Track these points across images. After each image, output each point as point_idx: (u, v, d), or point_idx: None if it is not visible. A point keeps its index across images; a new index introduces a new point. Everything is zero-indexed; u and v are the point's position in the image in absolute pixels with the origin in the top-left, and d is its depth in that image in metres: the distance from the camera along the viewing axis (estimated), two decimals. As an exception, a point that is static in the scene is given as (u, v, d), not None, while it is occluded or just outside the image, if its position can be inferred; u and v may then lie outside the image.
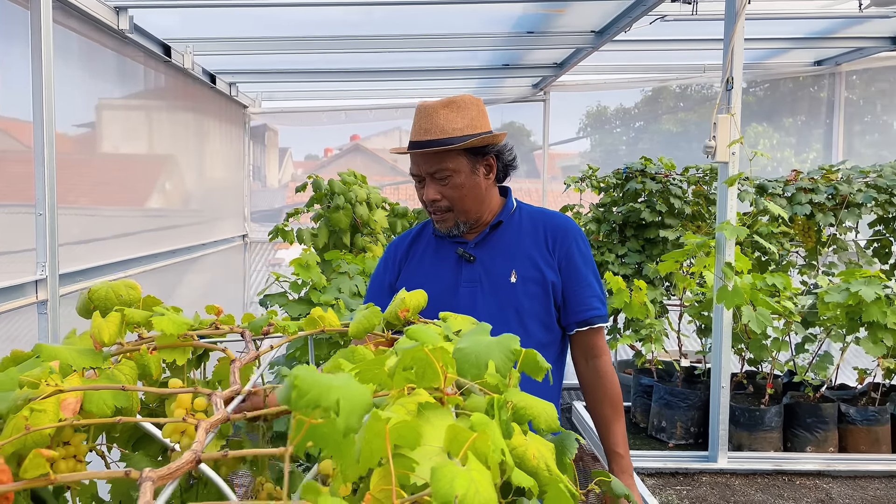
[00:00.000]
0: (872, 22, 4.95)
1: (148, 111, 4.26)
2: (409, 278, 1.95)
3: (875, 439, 4.03)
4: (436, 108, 1.81)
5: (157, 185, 4.40)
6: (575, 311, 1.88)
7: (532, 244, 1.89)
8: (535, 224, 1.92)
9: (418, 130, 1.82)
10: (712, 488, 3.76)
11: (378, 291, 2.01)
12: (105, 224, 3.67)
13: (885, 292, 3.83)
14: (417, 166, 1.84)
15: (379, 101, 7.16)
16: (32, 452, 0.91)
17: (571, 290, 1.87)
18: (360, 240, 4.49)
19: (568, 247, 1.88)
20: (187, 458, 0.86)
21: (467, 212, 1.87)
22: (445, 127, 1.79)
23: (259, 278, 7.09)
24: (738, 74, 3.64)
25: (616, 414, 1.90)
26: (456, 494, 0.71)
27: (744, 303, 3.68)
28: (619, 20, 4.44)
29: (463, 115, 1.82)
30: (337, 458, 0.79)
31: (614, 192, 5.40)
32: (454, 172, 1.81)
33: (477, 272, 1.88)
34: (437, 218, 1.88)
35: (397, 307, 1.41)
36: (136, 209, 4.18)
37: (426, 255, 1.97)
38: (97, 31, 3.46)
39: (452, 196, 1.84)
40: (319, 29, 4.74)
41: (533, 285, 1.85)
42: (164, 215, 4.49)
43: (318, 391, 0.78)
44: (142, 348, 1.39)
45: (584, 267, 1.89)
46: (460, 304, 1.83)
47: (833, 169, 5.07)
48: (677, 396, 4.28)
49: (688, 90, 7.14)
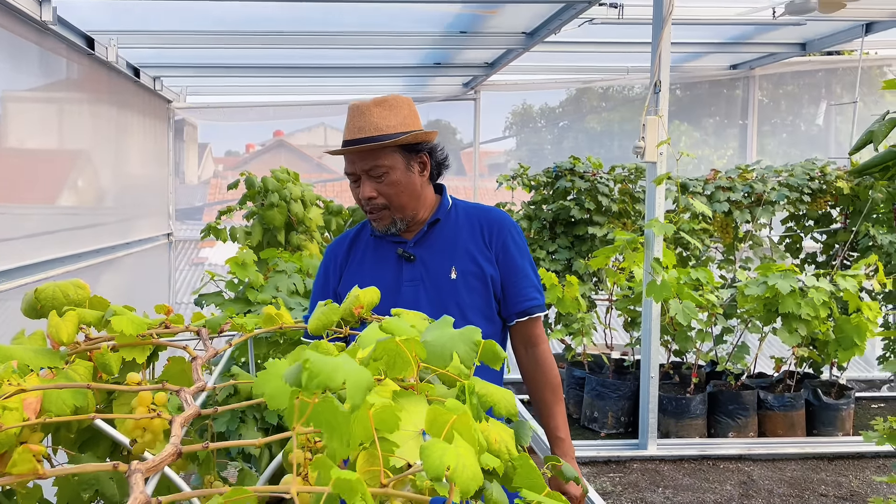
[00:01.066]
0: (784, 29, 5.23)
1: (66, 104, 4.11)
2: (350, 281, 1.92)
3: (791, 424, 4.28)
4: (368, 106, 1.83)
5: (75, 182, 4.24)
6: (514, 302, 1.91)
7: (470, 239, 1.92)
8: (471, 220, 1.95)
9: (352, 129, 1.83)
10: (643, 474, 3.92)
11: (322, 297, 2.01)
12: (17, 223, 3.50)
13: (798, 285, 4.07)
14: (353, 164, 1.85)
15: (305, 98, 7.08)
16: (21, 448, 0.90)
17: (510, 281, 1.91)
18: (295, 237, 4.45)
19: (504, 240, 1.92)
20: (170, 451, 0.89)
21: (403, 208, 1.88)
22: (379, 124, 1.80)
23: (183, 278, 6.92)
24: (665, 78, 3.79)
25: (556, 399, 1.97)
26: (447, 467, 0.76)
27: (671, 296, 3.85)
28: (549, 22, 4.54)
29: (395, 113, 1.84)
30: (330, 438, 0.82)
31: (544, 190, 5.53)
32: (389, 169, 1.82)
33: (418, 271, 1.90)
34: (373, 217, 1.89)
35: (351, 304, 1.43)
36: (52, 207, 4.01)
37: (366, 256, 1.98)
38: (17, 22, 3.32)
39: (388, 193, 1.84)
40: (249, 24, 4.67)
41: (473, 279, 1.88)
42: (82, 213, 4.33)
43: (327, 373, 0.82)
44: (103, 347, 1.38)
45: (520, 258, 1.93)
46: (403, 303, 1.84)
47: (749, 168, 5.33)
48: (608, 387, 4.44)
49: (610, 90, 7.36)
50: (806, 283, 4.09)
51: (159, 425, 1.28)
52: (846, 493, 3.72)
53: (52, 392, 1.14)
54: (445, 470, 0.77)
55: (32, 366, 1.21)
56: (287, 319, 1.54)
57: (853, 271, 4.26)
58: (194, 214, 7.44)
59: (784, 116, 6.93)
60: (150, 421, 1.27)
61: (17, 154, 3.62)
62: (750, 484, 3.82)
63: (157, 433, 1.27)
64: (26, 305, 1.47)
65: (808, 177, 5.11)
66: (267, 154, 8.96)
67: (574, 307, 4.46)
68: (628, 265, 4.16)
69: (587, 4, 4.18)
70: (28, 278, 3.32)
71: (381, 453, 0.82)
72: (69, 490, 1.31)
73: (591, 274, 5.35)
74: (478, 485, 0.81)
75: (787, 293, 3.98)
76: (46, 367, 1.25)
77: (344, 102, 7.00)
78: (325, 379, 0.83)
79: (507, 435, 1.00)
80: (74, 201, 4.24)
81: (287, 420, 0.89)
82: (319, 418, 0.82)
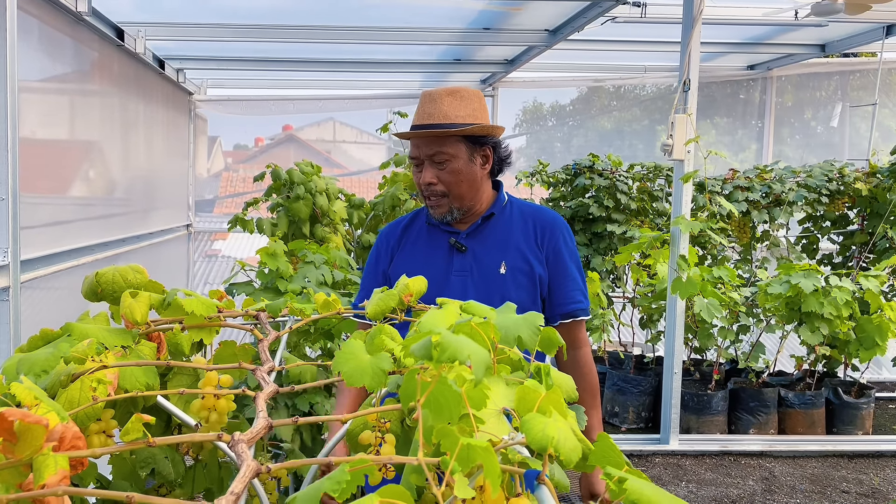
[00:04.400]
0: (805, 30, 5.26)
1: (97, 96, 4.12)
2: (401, 265, 1.97)
3: (811, 422, 4.31)
4: (441, 94, 1.86)
5: (104, 171, 4.26)
6: (559, 304, 1.93)
7: (522, 237, 1.94)
8: (525, 218, 1.97)
9: (421, 115, 1.87)
10: (665, 469, 3.95)
11: (373, 280, 2.03)
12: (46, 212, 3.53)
13: (821, 284, 4.11)
14: (417, 149, 1.88)
15: (315, 92, 7.08)
16: (135, 417, 0.93)
17: (557, 283, 1.93)
18: (319, 230, 4.48)
19: (556, 241, 1.94)
20: (262, 425, 0.94)
21: (461, 198, 1.90)
22: (448, 113, 1.84)
23: (196, 269, 6.94)
24: (694, 76, 3.82)
25: (595, 402, 1.98)
26: (550, 439, 0.79)
27: (696, 293, 3.88)
28: (574, 20, 4.56)
29: (466, 104, 1.87)
30: (438, 416, 0.85)
31: (563, 187, 5.56)
32: (452, 157, 1.85)
33: (468, 262, 1.92)
34: (431, 203, 1.91)
35: (401, 292, 1.46)
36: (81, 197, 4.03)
37: (418, 242, 2.00)
38: (53, 14, 3.34)
39: (448, 181, 1.87)
40: (272, 17, 4.69)
41: (521, 276, 1.91)
42: (109, 203, 4.35)
43: (455, 348, 0.87)
44: (176, 327, 1.41)
45: (570, 261, 1.95)
46: (450, 292, 1.87)
47: (767, 169, 5.36)
48: (630, 383, 4.47)
49: (621, 90, 7.38)
50: (829, 282, 4.12)
51: (225, 406, 1.31)
52: (868, 490, 3.76)
53: (125, 369, 1.18)
54: (550, 441, 0.80)
55: (108, 344, 1.24)
56: (341, 306, 1.58)
57: (875, 272, 4.29)
58: (206, 207, 7.46)
59: (800, 118, 6.96)
60: (216, 401, 1.30)
61: (50, 144, 3.64)
62: (772, 480, 3.85)
63: (223, 414, 1.30)
64: (87, 288, 1.50)
65: (826, 178, 5.14)
66: (276, 148, 8.96)
67: (595, 303, 4.49)
68: (653, 262, 4.19)
69: (614, 3, 4.21)
70: (58, 265, 3.34)
71: (469, 429, 0.85)
72: (125, 468, 1.34)
73: (609, 271, 5.38)
74: (578, 456, 0.85)
75: (810, 292, 4.01)
76: (119, 345, 1.28)
77: (355, 98, 7.02)
78: (454, 353, 0.87)
79: (570, 416, 1.04)
80: (104, 190, 4.26)
81: (402, 397, 0.92)
82: (430, 397, 0.85)
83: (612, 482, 0.80)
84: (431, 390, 0.85)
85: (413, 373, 0.90)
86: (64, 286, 3.37)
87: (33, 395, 0.83)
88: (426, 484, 0.75)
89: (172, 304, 1.42)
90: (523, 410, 0.87)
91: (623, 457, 0.95)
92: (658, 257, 4.14)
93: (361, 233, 4.79)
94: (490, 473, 0.70)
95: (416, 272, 1.92)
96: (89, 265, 3.70)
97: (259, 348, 1.33)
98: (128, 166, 4.58)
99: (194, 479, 1.43)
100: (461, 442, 0.75)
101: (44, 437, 0.75)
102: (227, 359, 1.56)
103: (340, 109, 7.39)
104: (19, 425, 0.74)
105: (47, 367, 1.14)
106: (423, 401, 0.86)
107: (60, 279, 3.31)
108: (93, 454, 0.85)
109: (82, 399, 1.06)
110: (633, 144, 7.46)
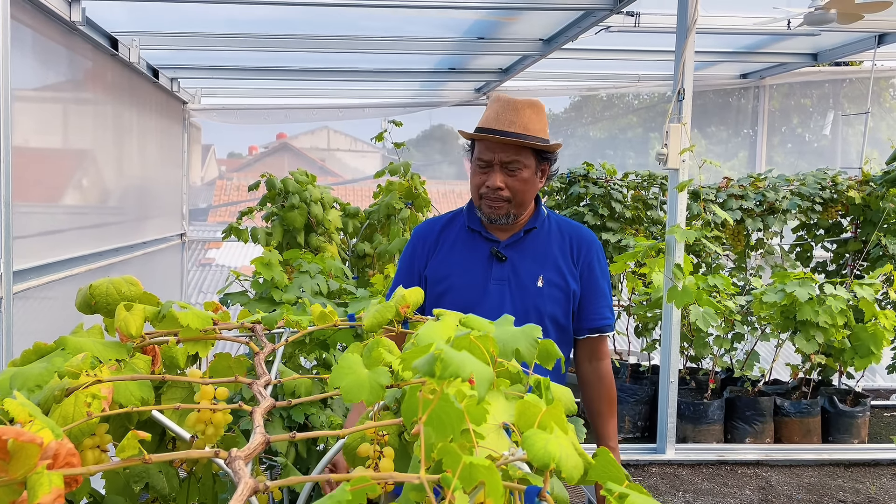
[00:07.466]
0: (797, 39, 5.29)
1: (91, 104, 4.11)
2: (439, 267, 2.02)
3: (807, 430, 4.31)
4: (522, 105, 1.92)
5: (97, 180, 4.24)
6: (589, 319, 2.02)
7: (559, 253, 2.01)
8: (563, 234, 2.04)
9: (503, 121, 1.90)
10: (662, 478, 3.94)
11: (408, 277, 2.06)
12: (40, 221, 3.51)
13: (816, 293, 4.11)
14: (492, 153, 1.91)
15: (310, 101, 7.07)
16: (130, 433, 0.92)
17: (588, 299, 2.01)
18: (314, 239, 4.47)
19: (591, 260, 2.02)
20: (259, 440, 0.93)
21: (521, 205, 1.96)
22: (528, 125, 1.90)
23: (190, 278, 6.92)
24: (689, 86, 3.83)
25: (612, 412, 2.07)
26: (553, 456, 0.78)
27: (692, 302, 3.88)
28: (567, 30, 4.57)
29: (540, 118, 1.94)
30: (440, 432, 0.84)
31: (557, 195, 5.56)
32: (525, 167, 1.92)
33: (506, 272, 1.97)
34: (493, 205, 1.95)
35: (398, 303, 1.46)
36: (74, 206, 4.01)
37: (456, 245, 2.04)
38: (46, 23, 3.33)
39: (516, 188, 1.93)
40: (265, 27, 4.69)
41: (557, 291, 1.97)
42: (102, 212, 4.33)
43: (458, 364, 0.86)
44: (171, 340, 1.40)
45: (602, 279, 2.04)
46: (489, 300, 1.94)
47: (761, 177, 5.38)
48: (625, 392, 4.46)
49: (613, 99, 7.41)
50: (824, 290, 4.13)
51: (221, 420, 1.30)
52: (864, 499, 3.75)
53: (120, 383, 1.17)
54: (552, 458, 0.79)
55: (102, 358, 1.23)
56: (337, 318, 1.57)
57: (870, 280, 4.30)
58: (199, 216, 7.44)
59: (791, 126, 6.99)
60: (213, 415, 1.29)
61: (42, 153, 3.63)
62: (769, 489, 3.84)
63: (220, 427, 1.29)
64: (81, 301, 1.48)
65: (819, 186, 5.16)
66: (270, 156, 8.95)
67: (590, 312, 4.49)
68: (648, 271, 4.19)
69: (608, 12, 4.21)
70: (51, 276, 3.32)
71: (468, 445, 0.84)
72: (119, 483, 1.32)
73: (604, 280, 5.38)
74: (580, 473, 0.84)
75: (804, 300, 4.02)
76: (114, 359, 1.26)
77: (348, 106, 7.01)
78: (456, 369, 0.86)
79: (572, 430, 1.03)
80: (97, 200, 4.24)
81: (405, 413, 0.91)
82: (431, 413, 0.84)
83: (612, 498, 0.80)
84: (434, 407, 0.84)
85: (415, 389, 0.89)
86: (57, 297, 3.34)
87: (27, 412, 0.82)
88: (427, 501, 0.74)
89: (167, 316, 1.40)
90: (524, 425, 0.86)
91: (623, 471, 0.94)
92: (653, 266, 4.14)
93: (356, 242, 4.77)
94: (493, 492, 0.70)
95: (455, 276, 2.00)
96: (83, 275, 3.68)
97: (255, 361, 1.32)
98: (121, 175, 4.56)
99: (188, 492, 1.41)
100: (464, 461, 0.74)
101: (38, 456, 0.74)
102: (222, 371, 1.54)
103: (335, 118, 7.38)
104: (13, 444, 0.73)
105: (41, 381, 1.13)
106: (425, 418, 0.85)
107: (54, 290, 3.29)
108: (87, 472, 0.84)
109: (77, 414, 1.04)
110: (626, 154, 7.48)
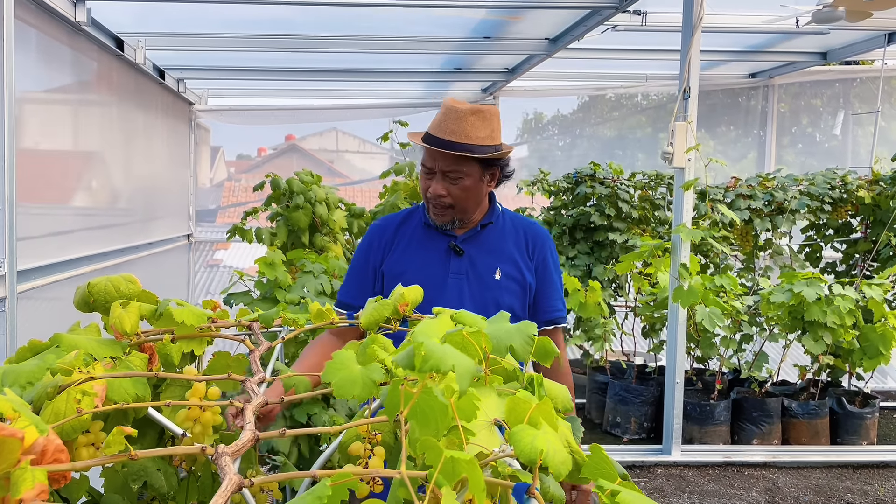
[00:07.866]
0: (806, 38, 5.25)
1: (97, 105, 4.13)
2: (396, 262, 2.03)
3: (815, 432, 4.28)
4: (465, 113, 1.90)
5: (104, 181, 4.25)
6: (543, 311, 2.04)
7: (514, 247, 2.04)
8: (517, 229, 2.07)
9: (444, 130, 1.89)
10: (668, 480, 3.91)
11: (362, 272, 2.07)
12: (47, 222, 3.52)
13: (824, 293, 4.07)
14: (433, 161, 1.93)
15: (318, 102, 7.07)
16: (116, 429, 0.92)
17: (543, 293, 2.04)
18: (319, 239, 4.47)
19: (545, 254, 2.06)
20: (249, 437, 0.93)
21: (466, 211, 1.98)
22: (471, 134, 1.88)
23: (198, 280, 6.93)
24: (694, 84, 3.81)
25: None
26: (540, 451, 0.77)
27: (698, 302, 3.85)
28: (573, 28, 4.56)
29: (486, 124, 1.91)
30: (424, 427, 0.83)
31: (564, 195, 5.54)
32: (466, 176, 1.92)
33: (464, 265, 1.99)
34: (437, 211, 1.97)
35: (396, 301, 1.45)
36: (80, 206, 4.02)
37: (413, 241, 2.05)
38: (51, 24, 3.34)
39: (458, 196, 1.94)
40: (271, 27, 4.69)
41: (513, 283, 2.00)
42: (109, 213, 4.34)
43: (438, 358, 0.84)
44: (166, 338, 1.40)
45: (555, 273, 2.08)
46: (448, 294, 1.95)
47: (769, 177, 5.34)
48: (631, 393, 4.44)
49: (622, 98, 7.38)
50: (832, 290, 4.09)
51: (209, 418, 1.29)
52: (872, 501, 3.72)
53: (114, 381, 1.16)
54: (538, 454, 0.78)
55: (96, 355, 1.23)
56: (335, 317, 1.56)
57: (879, 280, 4.26)
58: (208, 217, 7.45)
59: (801, 126, 6.95)
60: (201, 413, 1.28)
61: (49, 154, 3.64)
62: (776, 491, 3.81)
63: (207, 426, 1.28)
64: (79, 298, 1.48)
65: (829, 186, 5.12)
66: (279, 158, 8.97)
67: (596, 312, 4.46)
68: (654, 271, 4.16)
69: (614, 11, 4.19)
70: (57, 276, 3.33)
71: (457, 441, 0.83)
72: (117, 481, 1.32)
73: (611, 280, 5.36)
74: (567, 469, 0.83)
75: (812, 301, 3.98)
76: (109, 356, 1.26)
77: (357, 107, 7.01)
78: (437, 363, 0.85)
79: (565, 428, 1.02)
80: (103, 200, 4.25)
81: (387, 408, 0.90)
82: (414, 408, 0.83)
83: (604, 495, 0.78)
84: (416, 401, 0.84)
85: (397, 383, 0.88)
86: (63, 297, 3.35)
87: (12, 408, 0.81)
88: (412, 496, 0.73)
89: (164, 314, 1.40)
90: (514, 422, 0.85)
91: (615, 469, 0.93)
92: (659, 266, 4.12)
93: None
94: (475, 487, 0.68)
95: (413, 272, 1.99)
96: (88, 275, 3.69)
97: (251, 359, 1.31)
98: (127, 176, 4.57)
99: (187, 491, 1.41)
100: (445, 455, 0.73)
101: (19, 451, 0.73)
102: (220, 370, 1.54)
103: (342, 119, 7.40)
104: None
105: (33, 378, 1.13)
106: (406, 412, 0.84)
107: (59, 290, 3.30)
108: (73, 468, 0.83)
109: (68, 411, 1.04)
110: (634, 154, 7.45)
